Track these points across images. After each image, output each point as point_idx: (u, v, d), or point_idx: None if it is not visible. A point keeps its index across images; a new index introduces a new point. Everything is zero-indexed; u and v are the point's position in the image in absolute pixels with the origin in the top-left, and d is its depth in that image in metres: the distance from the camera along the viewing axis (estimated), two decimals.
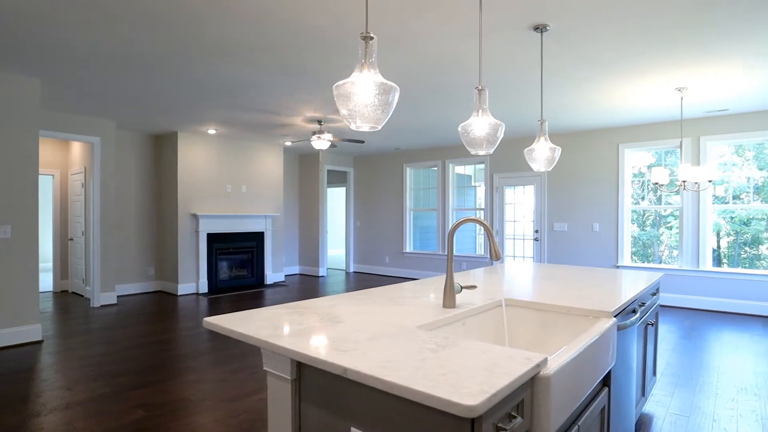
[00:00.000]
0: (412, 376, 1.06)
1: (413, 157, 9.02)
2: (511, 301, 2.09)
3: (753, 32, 3.32)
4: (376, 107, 1.67)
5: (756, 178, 6.44)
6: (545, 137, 3.13)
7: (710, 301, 6.09)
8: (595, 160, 6.96)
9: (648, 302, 2.69)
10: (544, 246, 7.37)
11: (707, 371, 3.76)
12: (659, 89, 4.81)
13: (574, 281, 2.65)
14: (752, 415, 2.95)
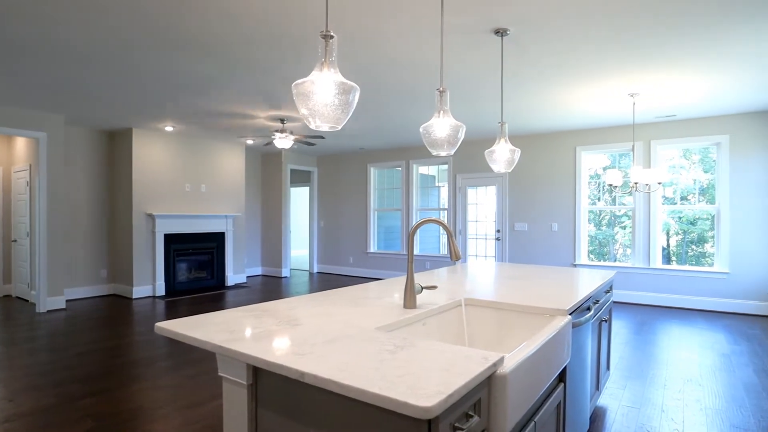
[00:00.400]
0: (369, 379, 1.05)
1: (377, 157, 9.03)
2: (470, 300, 2.11)
3: (698, 44, 3.50)
4: (336, 107, 1.65)
5: (701, 181, 6.80)
6: (505, 139, 3.20)
7: (660, 297, 6.38)
8: (554, 162, 7.17)
9: (602, 300, 2.79)
10: (506, 245, 7.53)
11: (657, 364, 3.93)
12: (613, 95, 4.99)
13: (533, 280, 2.71)
14: (697, 404, 3.10)
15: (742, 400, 3.16)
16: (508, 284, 2.55)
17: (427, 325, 1.83)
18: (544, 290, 2.34)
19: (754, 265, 5.83)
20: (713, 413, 2.97)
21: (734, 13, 3.02)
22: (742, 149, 5.91)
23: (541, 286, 2.49)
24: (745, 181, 5.89)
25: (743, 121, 5.90)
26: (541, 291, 2.31)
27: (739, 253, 5.92)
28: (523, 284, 2.54)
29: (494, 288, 2.41)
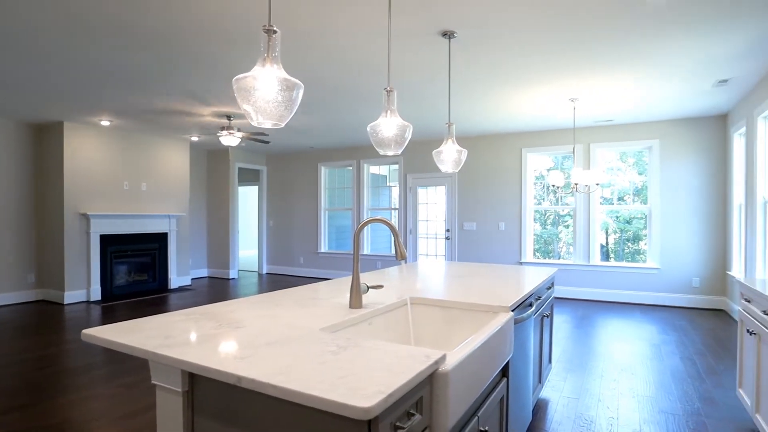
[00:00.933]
0: (309, 381, 1.03)
1: (328, 156, 8.95)
2: (417, 299, 2.12)
3: (632, 56, 3.71)
4: (279, 104, 1.61)
5: (636, 182, 7.22)
6: (453, 140, 3.25)
7: (599, 293, 6.72)
8: (501, 163, 7.38)
9: (544, 296, 2.89)
10: (455, 244, 7.67)
11: (595, 356, 4.13)
12: (555, 99, 5.20)
13: (479, 278, 2.77)
14: (630, 392, 3.28)
15: (670, 387, 3.38)
16: (455, 282, 2.59)
17: (373, 324, 1.82)
18: (490, 288, 2.39)
19: (682, 261, 6.26)
20: (644, 400, 3.15)
21: (663, 31, 3.22)
22: (670, 153, 6.33)
23: (486, 284, 2.54)
24: (673, 183, 6.31)
25: (672, 127, 6.32)
26: (487, 289, 2.36)
27: (668, 249, 6.33)
28: (470, 282, 2.59)
29: (441, 286, 2.44)
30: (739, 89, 4.87)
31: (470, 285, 2.48)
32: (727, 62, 4.00)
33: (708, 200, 6.14)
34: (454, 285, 2.48)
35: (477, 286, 2.45)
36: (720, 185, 6.07)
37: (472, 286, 2.43)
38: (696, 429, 2.74)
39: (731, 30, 3.31)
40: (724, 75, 4.38)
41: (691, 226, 6.22)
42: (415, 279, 2.72)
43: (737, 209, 5.60)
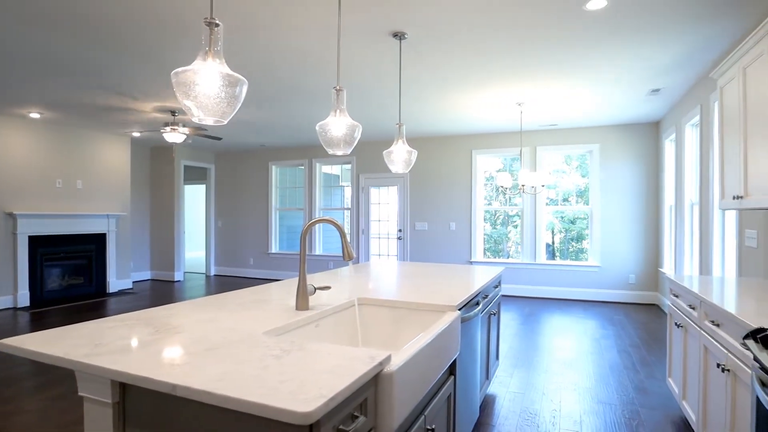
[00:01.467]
0: (248, 387, 0.99)
1: (279, 155, 8.79)
2: (365, 300, 2.11)
3: (575, 65, 3.87)
4: (221, 100, 1.55)
5: (579, 185, 7.56)
6: (403, 140, 3.26)
7: (545, 290, 6.98)
8: (452, 164, 7.51)
9: (491, 294, 2.96)
10: (407, 245, 7.74)
11: (540, 351, 4.28)
12: (503, 103, 5.35)
13: (429, 278, 2.79)
14: (572, 385, 3.42)
15: (608, 379, 3.55)
16: (404, 282, 2.60)
17: (320, 326, 1.80)
18: (438, 287, 2.42)
19: (620, 259, 6.61)
20: (585, 392, 3.29)
21: (603, 41, 3.38)
22: (609, 157, 6.67)
23: (435, 283, 2.57)
24: (612, 186, 6.66)
25: (611, 133, 6.66)
26: (435, 288, 2.39)
27: (608, 248, 6.67)
28: (419, 282, 2.61)
29: (391, 286, 2.44)
30: (669, 99, 5.20)
31: (419, 285, 2.50)
32: (659, 73, 4.26)
33: (643, 202, 6.52)
34: (403, 285, 2.49)
35: (426, 285, 2.47)
36: (653, 188, 6.47)
37: (421, 286, 2.44)
38: (631, 418, 2.89)
39: (663, 43, 3.53)
40: (657, 85, 4.66)
41: (627, 226, 6.58)
42: (365, 279, 2.71)
43: (668, 210, 5.98)
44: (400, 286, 2.46)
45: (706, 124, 4.33)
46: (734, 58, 2.71)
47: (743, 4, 2.93)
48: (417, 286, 2.46)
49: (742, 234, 3.47)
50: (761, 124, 2.36)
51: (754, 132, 2.46)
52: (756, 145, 2.43)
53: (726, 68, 2.85)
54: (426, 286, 2.43)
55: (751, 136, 2.50)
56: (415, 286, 2.46)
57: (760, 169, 2.37)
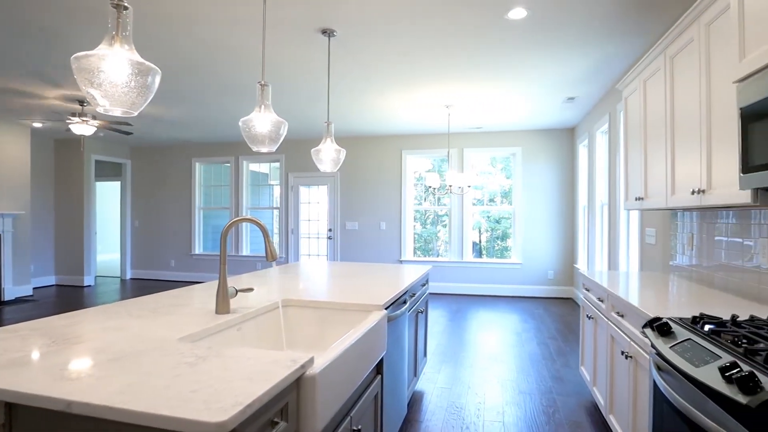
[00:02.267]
0: (157, 399, 0.92)
1: (204, 151, 8.38)
2: (290, 301, 2.06)
3: (501, 68, 4.04)
4: (130, 89, 1.44)
5: (504, 185, 7.93)
6: (331, 139, 3.23)
7: (471, 287, 7.23)
8: (382, 163, 7.57)
9: (418, 293, 3.00)
10: (338, 244, 7.69)
11: (467, 347, 4.42)
12: (432, 105, 5.48)
13: (357, 278, 2.78)
14: (495, 378, 3.57)
15: (528, 370, 3.74)
16: (332, 282, 2.56)
17: (242, 330, 1.72)
18: (366, 287, 2.41)
19: (539, 256, 7.01)
20: (507, 384, 3.44)
21: (525, 50, 3.55)
22: (531, 160, 7.05)
23: (363, 283, 2.56)
24: (533, 187, 7.04)
25: (532, 137, 7.04)
26: (363, 288, 2.38)
27: (529, 246, 7.04)
28: (347, 282, 2.59)
29: (318, 287, 2.40)
30: (583, 107, 5.59)
31: (347, 284, 2.48)
32: (574, 82, 4.56)
33: (560, 202, 6.96)
34: (331, 285, 2.46)
35: (354, 285, 2.46)
36: (569, 189, 6.92)
37: (348, 286, 2.42)
38: (548, 405, 3.06)
39: (577, 55, 3.78)
40: (572, 93, 4.98)
41: (547, 225, 6.99)
42: (292, 280, 2.65)
43: (582, 211, 6.43)
44: (327, 286, 2.43)
45: (614, 132, 4.70)
46: (636, 72, 2.95)
47: (645, 24, 3.21)
48: (345, 286, 2.43)
49: (644, 232, 3.80)
50: (657, 134, 2.59)
51: (652, 140, 2.70)
52: (654, 152, 2.67)
53: (629, 81, 3.10)
54: (354, 286, 2.41)
55: (650, 144, 2.74)
56: (343, 286, 2.43)
57: (657, 173, 2.60)
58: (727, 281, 2.38)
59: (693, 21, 2.15)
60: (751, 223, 2.19)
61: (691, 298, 2.16)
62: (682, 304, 2.04)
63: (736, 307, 1.94)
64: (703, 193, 2.02)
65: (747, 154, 1.55)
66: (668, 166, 2.44)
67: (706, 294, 2.28)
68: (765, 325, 1.50)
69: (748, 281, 2.19)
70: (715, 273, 2.51)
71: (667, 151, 2.46)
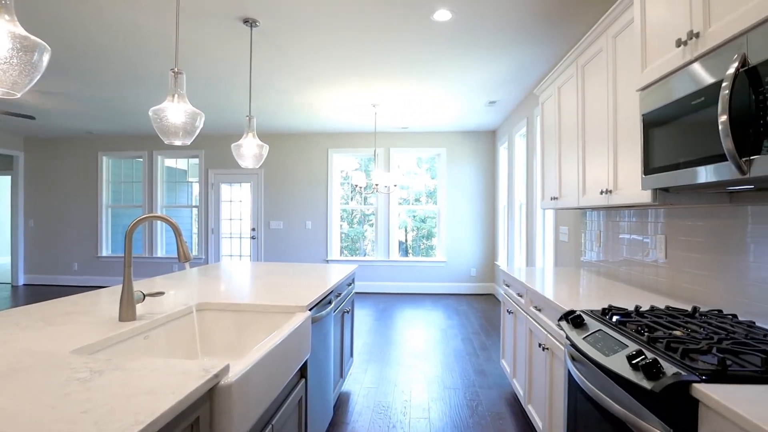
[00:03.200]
0: (38, 423, 0.79)
1: (112, 144, 7.72)
2: (206, 305, 1.92)
3: (426, 69, 4.11)
4: (11, 67, 1.25)
5: (429, 186, 8.09)
6: (253, 134, 3.09)
7: (398, 285, 7.31)
8: (308, 162, 7.43)
9: (344, 292, 2.95)
10: (261, 244, 7.43)
11: (393, 345, 4.44)
12: (358, 103, 5.45)
13: (280, 278, 2.67)
14: (421, 375, 3.61)
15: (453, 366, 3.83)
16: (254, 284, 2.44)
17: (150, 338, 1.57)
18: (289, 288, 2.32)
19: (463, 254, 7.24)
20: (433, 380, 3.50)
21: (449, 52, 3.63)
22: (455, 160, 7.26)
23: (287, 283, 2.47)
24: (457, 187, 7.26)
25: (456, 138, 7.26)
26: (286, 289, 2.29)
27: (453, 244, 7.25)
28: (270, 282, 2.48)
29: (239, 288, 2.27)
30: (503, 111, 5.85)
31: (270, 285, 2.37)
32: (497, 85, 4.75)
33: (482, 202, 7.23)
34: (252, 286, 2.34)
35: (277, 286, 2.36)
36: (490, 190, 7.22)
37: (271, 287, 2.32)
38: (471, 399, 3.14)
39: (498, 58, 3.93)
40: (493, 97, 5.19)
41: (470, 224, 7.24)
42: (210, 282, 2.49)
43: (502, 210, 6.73)
44: (248, 287, 2.31)
45: (531, 135, 4.95)
46: (551, 79, 3.12)
47: (559, 33, 3.40)
48: (267, 287, 2.33)
49: (558, 231, 4.04)
50: (570, 137, 2.75)
51: (566, 142, 2.86)
52: (567, 154, 2.83)
53: (546, 86, 3.27)
54: (276, 287, 2.32)
55: (564, 146, 2.91)
56: (265, 287, 2.32)
57: (570, 174, 2.77)
58: (630, 275, 2.58)
59: (602, 33, 2.30)
60: (648, 221, 2.38)
61: (600, 291, 2.31)
62: (593, 297, 2.17)
63: (639, 298, 2.10)
64: (610, 193, 2.17)
65: (648, 157, 1.67)
66: (580, 167, 2.59)
67: (612, 287, 2.45)
68: (663, 314, 1.63)
69: (648, 274, 2.38)
70: (619, 267, 2.71)
71: (579, 154, 2.61)
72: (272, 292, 2.16)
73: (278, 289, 2.27)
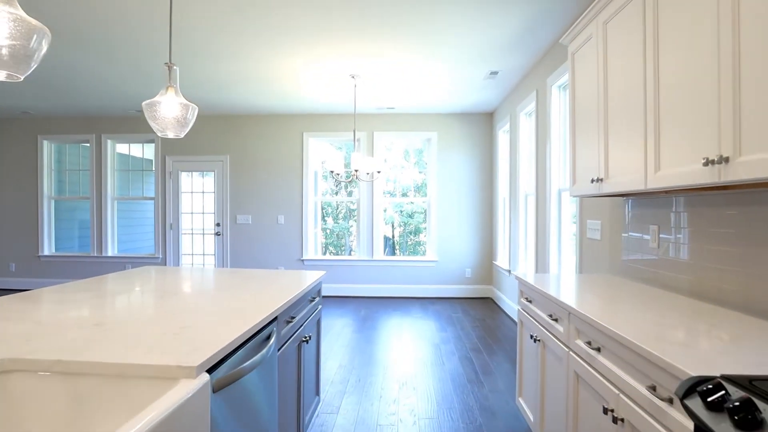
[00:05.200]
0: None
1: (54, 126, 6.69)
2: (17, 363, 1.03)
3: (414, 29, 3.22)
4: None
5: (417, 180, 7.37)
6: (175, 89, 2.17)
7: (383, 288, 6.42)
8: (281, 148, 6.50)
9: (301, 315, 2.07)
10: (227, 241, 6.49)
11: (375, 367, 3.58)
12: (336, 73, 4.55)
13: (197, 298, 1.79)
14: (411, 414, 2.76)
15: (451, 399, 2.98)
16: (141, 314, 1.55)
17: None
18: (202, 320, 1.43)
19: (456, 252, 6.39)
20: (427, 425, 2.64)
21: (439, 6, 2.76)
22: (447, 146, 6.39)
23: (202, 308, 1.58)
24: (449, 176, 6.39)
25: (448, 121, 6.39)
26: (189, 324, 1.40)
27: (445, 242, 6.39)
28: (174, 308, 1.59)
29: (106, 323, 1.38)
30: (504, 86, 4.99)
31: (170, 314, 1.48)
32: (500, 50, 3.89)
33: (478, 194, 6.39)
34: (134, 320, 1.45)
35: (181, 314, 1.47)
36: (488, 180, 6.37)
37: (170, 319, 1.43)
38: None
39: (504, 13, 3.06)
40: (495, 66, 4.33)
41: (464, 219, 6.39)
42: (57, 310, 1.59)
43: (502, 202, 5.89)
44: (126, 320, 1.41)
45: (542, 111, 4.11)
46: (591, 15, 2.26)
47: None
48: (163, 318, 1.44)
49: (583, 225, 3.19)
50: (628, 96, 1.90)
51: (619, 102, 2.00)
52: (621, 119, 1.97)
53: (580, 28, 2.41)
54: (178, 319, 1.43)
55: (613, 111, 2.05)
56: (159, 319, 1.43)
57: (624, 148, 1.91)
58: (736, 291, 1.74)
59: None
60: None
61: (718, 326, 1.46)
62: (714, 336, 1.32)
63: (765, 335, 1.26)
64: (726, 162, 1.32)
65: None
66: (650, 132, 1.74)
67: (734, 317, 1.61)
68: None
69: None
70: (706, 277, 1.87)
71: (646, 118, 1.76)
72: (161, 333, 1.27)
73: (179, 322, 1.38)
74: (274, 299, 1.72)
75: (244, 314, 1.48)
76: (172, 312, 1.50)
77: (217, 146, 6.54)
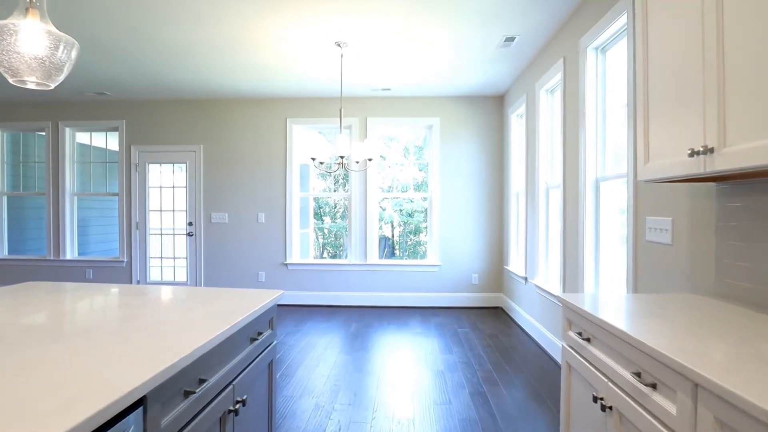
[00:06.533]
0: None
1: (4, 112, 5.91)
2: None
3: None
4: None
5: (417, 178, 6.75)
6: (41, 15, 1.38)
7: (378, 296, 5.63)
8: (261, 136, 5.70)
9: (228, 368, 1.28)
10: (201, 242, 5.69)
11: (365, 408, 2.79)
12: (319, 40, 3.77)
13: (67, 343, 1.00)
14: None
15: None
16: None
17: None
18: (65, 383, 0.64)
19: (461, 255, 5.59)
20: None
21: None
22: (451, 134, 5.60)
23: (64, 365, 0.79)
24: (453, 169, 5.59)
25: (453, 104, 5.59)
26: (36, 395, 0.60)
27: (448, 244, 5.60)
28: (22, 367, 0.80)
29: None
30: (520, 60, 4.20)
31: (33, 371, 0.69)
32: (516, 9, 3.10)
33: (486, 188, 5.59)
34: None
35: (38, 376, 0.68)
36: (497, 172, 5.58)
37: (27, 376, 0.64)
38: None
39: None
40: (511, 30, 3.54)
41: (470, 217, 5.60)
42: None
43: (515, 198, 5.10)
44: None
45: (572, 82, 3.31)
46: None
47: None
48: (18, 376, 0.65)
49: (640, 224, 2.39)
50: None
51: (753, 47, 1.21)
52: (751, 66, 1.18)
53: None
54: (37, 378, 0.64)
55: (736, 59, 1.26)
56: (15, 377, 0.64)
57: (750, 100, 1.12)
58: None
59: None
60: None
61: None
62: None
63: None
64: None
65: None
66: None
67: None
68: None
69: None
70: None
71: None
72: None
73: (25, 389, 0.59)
74: (150, 358, 0.93)
75: (140, 366, 0.69)
76: (56, 359, 0.72)
77: (190, 135, 5.74)
